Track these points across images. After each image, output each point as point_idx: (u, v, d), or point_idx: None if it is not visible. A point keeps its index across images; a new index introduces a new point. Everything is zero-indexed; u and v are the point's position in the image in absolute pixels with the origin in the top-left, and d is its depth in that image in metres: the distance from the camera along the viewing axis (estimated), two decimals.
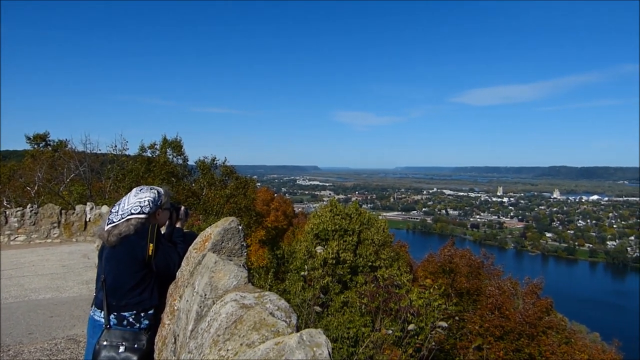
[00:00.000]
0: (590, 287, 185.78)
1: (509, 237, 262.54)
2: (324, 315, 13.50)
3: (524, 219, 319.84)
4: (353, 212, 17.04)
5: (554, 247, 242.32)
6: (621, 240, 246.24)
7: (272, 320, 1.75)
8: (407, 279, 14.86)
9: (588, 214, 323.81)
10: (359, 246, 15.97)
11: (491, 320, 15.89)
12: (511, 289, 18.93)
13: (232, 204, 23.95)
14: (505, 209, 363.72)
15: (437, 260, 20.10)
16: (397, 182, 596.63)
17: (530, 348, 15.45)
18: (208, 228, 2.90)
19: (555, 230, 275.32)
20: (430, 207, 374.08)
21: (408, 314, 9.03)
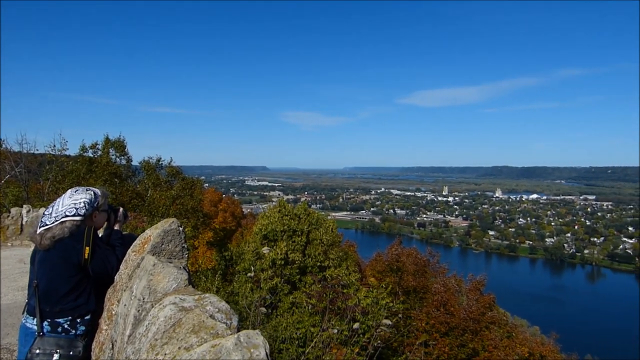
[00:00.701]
0: (530, 282, 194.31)
1: (454, 236, 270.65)
2: (273, 316, 13.45)
3: (468, 217, 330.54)
4: (302, 212, 17.06)
5: (496, 244, 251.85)
6: (559, 237, 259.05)
7: (212, 322, 1.73)
8: (355, 279, 15.04)
9: (528, 212, 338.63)
10: (308, 246, 16.01)
11: (437, 317, 16.31)
12: (456, 286, 19.50)
13: (178, 205, 23.43)
14: (450, 208, 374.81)
15: (384, 259, 20.42)
16: (346, 182, 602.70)
17: (474, 343, 15.96)
18: (148, 230, 2.83)
19: (498, 228, 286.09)
20: (378, 206, 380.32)
21: (356, 313, 9.13)
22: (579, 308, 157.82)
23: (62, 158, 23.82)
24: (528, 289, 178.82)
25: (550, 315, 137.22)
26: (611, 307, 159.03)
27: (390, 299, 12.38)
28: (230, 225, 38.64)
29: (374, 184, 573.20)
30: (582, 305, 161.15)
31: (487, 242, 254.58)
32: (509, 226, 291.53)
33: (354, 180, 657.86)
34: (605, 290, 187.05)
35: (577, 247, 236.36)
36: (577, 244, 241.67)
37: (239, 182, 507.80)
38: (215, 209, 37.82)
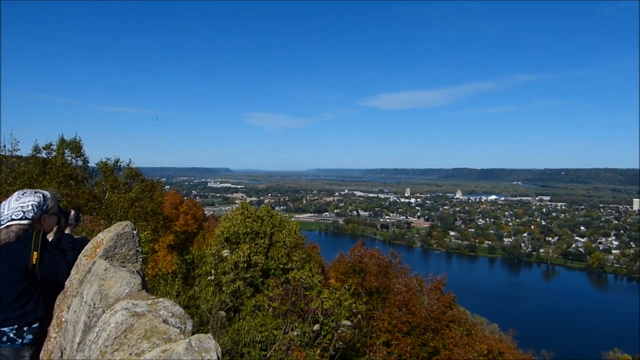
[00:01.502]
0: (489, 281, 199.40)
1: (416, 237, 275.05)
2: (236, 319, 13.30)
3: (429, 218, 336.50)
4: (265, 214, 16.97)
5: (457, 244, 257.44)
6: (516, 237, 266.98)
7: (165, 327, 1.68)
8: (318, 280, 15.05)
9: (487, 213, 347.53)
10: (271, 249, 15.92)
11: (399, 317, 16.50)
12: (417, 286, 19.80)
13: (137, 208, 22.88)
14: (412, 209, 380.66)
15: (347, 261, 20.53)
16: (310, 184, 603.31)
17: (435, 342, 16.22)
18: (100, 233, 2.74)
19: (458, 228, 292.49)
20: (342, 208, 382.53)
21: (319, 314, 9.14)
22: (536, 305, 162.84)
23: (13, 159, 22.86)
24: (487, 287, 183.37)
25: (509, 313, 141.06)
26: (565, 304, 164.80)
27: (353, 300, 12.45)
28: (191, 228, 38.04)
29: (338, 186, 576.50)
30: (538, 303, 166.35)
31: (448, 243, 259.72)
32: (469, 227, 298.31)
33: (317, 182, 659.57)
34: (559, 287, 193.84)
35: (533, 247, 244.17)
36: (533, 244, 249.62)
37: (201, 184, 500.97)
38: (176, 212, 37.16)
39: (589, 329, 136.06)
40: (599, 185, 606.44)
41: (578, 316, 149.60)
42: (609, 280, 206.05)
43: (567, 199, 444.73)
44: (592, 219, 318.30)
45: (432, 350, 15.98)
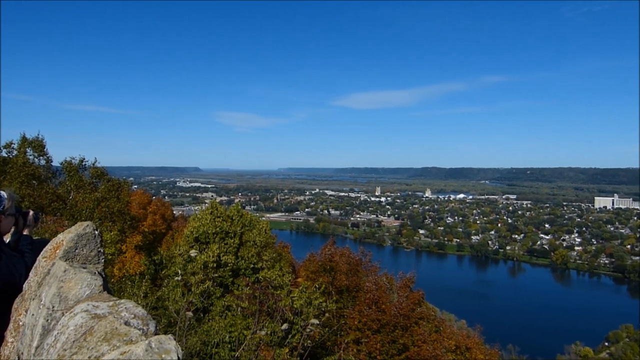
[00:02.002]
0: (458, 278, 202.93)
1: (387, 235, 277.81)
2: (206, 320, 13.18)
3: (399, 217, 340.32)
4: (235, 214, 16.84)
5: (426, 243, 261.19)
6: (483, 234, 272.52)
7: (126, 329, 1.65)
8: (289, 280, 15.03)
9: (456, 212, 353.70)
10: (241, 248, 15.82)
11: (369, 315, 16.61)
12: (387, 284, 19.98)
13: (103, 208, 22.37)
14: (383, 208, 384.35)
15: (318, 260, 20.54)
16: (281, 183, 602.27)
17: (404, 339, 16.40)
18: (60, 234, 2.66)
19: (428, 227, 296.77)
20: (312, 207, 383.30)
21: (289, 313, 9.12)
22: (502, 301, 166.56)
23: None
24: (456, 284, 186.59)
25: (477, 309, 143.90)
26: (530, 300, 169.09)
27: (323, 299, 12.48)
28: (160, 228, 37.46)
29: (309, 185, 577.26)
30: (505, 299, 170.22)
31: (418, 241, 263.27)
32: (438, 225, 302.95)
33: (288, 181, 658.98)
34: (525, 283, 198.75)
35: (500, 244, 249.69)
36: (500, 241, 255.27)
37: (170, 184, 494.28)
38: (144, 212, 36.52)
39: (552, 323, 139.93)
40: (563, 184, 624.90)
41: (542, 311, 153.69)
42: (572, 276, 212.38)
43: (532, 197, 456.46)
44: (556, 217, 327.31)
45: (402, 347, 16.15)
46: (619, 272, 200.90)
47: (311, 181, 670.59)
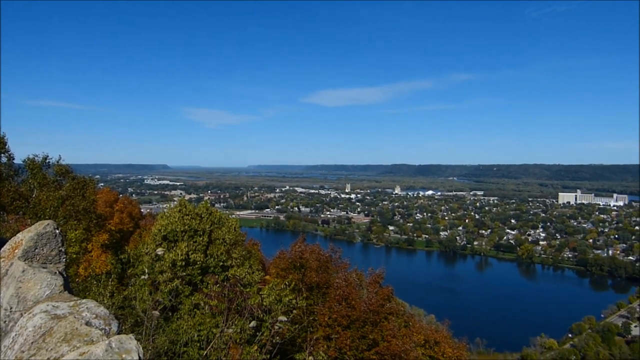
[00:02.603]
0: (427, 273, 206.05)
1: (357, 232, 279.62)
2: (174, 319, 13.04)
3: (369, 213, 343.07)
4: (204, 211, 16.68)
5: (396, 239, 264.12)
6: (452, 230, 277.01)
7: (87, 329, 1.62)
8: (258, 277, 14.99)
9: (424, 208, 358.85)
10: (210, 246, 15.69)
11: (339, 311, 16.70)
12: (357, 280, 20.13)
13: (68, 207, 21.80)
14: (353, 205, 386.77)
15: (288, 257, 20.52)
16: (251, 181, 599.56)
17: (374, 334, 16.56)
18: (19, 233, 2.59)
19: (397, 223, 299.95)
20: (283, 204, 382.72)
21: (258, 311, 9.10)
22: (470, 295, 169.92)
23: None
24: (425, 279, 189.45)
25: (445, 303, 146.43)
26: (497, 294, 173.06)
27: (293, 296, 12.49)
28: (127, 226, 36.82)
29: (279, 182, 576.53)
30: (473, 293, 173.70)
31: (387, 237, 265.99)
32: (407, 221, 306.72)
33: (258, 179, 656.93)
34: (492, 278, 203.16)
35: (467, 239, 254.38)
36: (467, 236, 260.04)
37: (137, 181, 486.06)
38: (110, 210, 35.83)
39: (518, 316, 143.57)
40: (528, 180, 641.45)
41: (509, 305, 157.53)
42: (537, 270, 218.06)
43: (498, 193, 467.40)
44: (521, 213, 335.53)
45: (371, 342, 16.30)
46: (582, 266, 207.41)
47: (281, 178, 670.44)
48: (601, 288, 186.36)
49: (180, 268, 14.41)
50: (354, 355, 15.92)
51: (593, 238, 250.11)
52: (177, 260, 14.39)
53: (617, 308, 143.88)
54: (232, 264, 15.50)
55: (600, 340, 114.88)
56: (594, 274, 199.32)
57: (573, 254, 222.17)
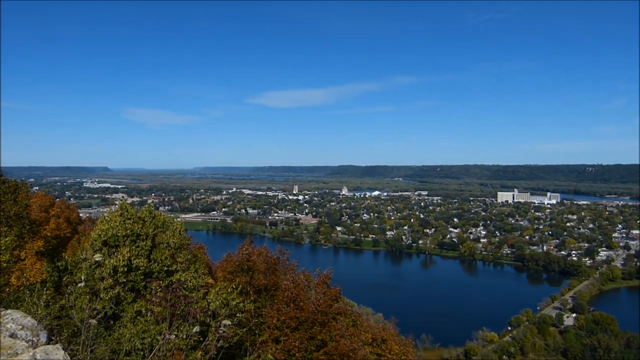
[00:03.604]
0: (374, 273, 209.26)
1: (305, 233, 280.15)
2: (116, 327, 12.56)
3: (317, 214, 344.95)
4: (147, 215, 16.18)
5: (343, 239, 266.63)
6: (397, 230, 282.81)
7: (11, 342, 1.51)
8: (205, 281, 14.69)
9: (371, 208, 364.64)
10: (154, 251, 15.24)
11: (287, 313, 16.64)
12: (305, 281, 20.11)
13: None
14: (300, 206, 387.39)
15: (235, 260, 20.24)
16: (196, 183, 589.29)
17: (322, 334, 16.60)
18: None
19: (345, 224, 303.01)
20: (230, 207, 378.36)
21: (203, 316, 8.90)
22: (416, 293, 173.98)
23: None
24: (372, 279, 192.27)
25: (392, 302, 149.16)
26: (441, 290, 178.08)
27: (240, 299, 12.33)
28: (64, 232, 35.09)
29: (226, 184, 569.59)
30: (418, 291, 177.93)
31: (335, 238, 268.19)
32: (354, 221, 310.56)
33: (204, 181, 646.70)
34: (436, 275, 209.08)
35: (413, 238, 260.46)
36: (413, 236, 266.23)
37: (76, 185, 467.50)
38: (46, 215, 34.06)
39: (462, 312, 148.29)
40: (469, 180, 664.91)
41: (453, 301, 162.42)
42: (478, 266, 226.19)
43: (442, 193, 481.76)
44: (463, 211, 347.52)
45: (320, 343, 16.33)
46: (519, 262, 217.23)
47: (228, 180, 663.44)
48: (537, 282, 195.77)
49: (122, 274, 13.92)
50: (302, 357, 15.92)
51: (529, 235, 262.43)
52: (118, 266, 13.88)
53: (552, 300, 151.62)
54: (177, 268, 15.13)
55: (537, 332, 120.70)
56: (530, 268, 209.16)
57: (511, 251, 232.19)
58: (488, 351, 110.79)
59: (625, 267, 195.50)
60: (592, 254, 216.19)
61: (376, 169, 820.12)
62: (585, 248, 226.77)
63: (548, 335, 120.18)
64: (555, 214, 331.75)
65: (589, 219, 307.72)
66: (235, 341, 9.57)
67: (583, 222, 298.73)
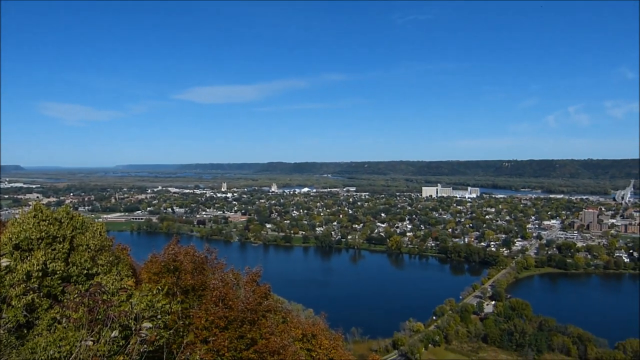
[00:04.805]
0: (304, 269, 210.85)
1: (234, 231, 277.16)
2: (31, 336, 11.80)
3: (246, 212, 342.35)
4: (64, 216, 15.29)
5: (273, 236, 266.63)
6: (327, 225, 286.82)
7: None
8: (128, 283, 14.13)
9: (301, 205, 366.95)
10: (72, 254, 14.45)
11: (216, 312, 16.37)
12: (234, 280, 19.91)
13: None
14: (229, 204, 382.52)
15: (161, 260, 19.64)
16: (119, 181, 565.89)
17: (252, 333, 16.49)
18: None
19: (274, 221, 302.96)
20: (155, 206, 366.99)
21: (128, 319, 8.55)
22: (345, 287, 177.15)
23: None
24: (303, 275, 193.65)
25: (322, 297, 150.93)
26: (370, 284, 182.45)
27: (167, 301, 11.96)
28: None
29: (150, 182, 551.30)
30: (348, 285, 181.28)
31: (265, 235, 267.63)
32: (284, 218, 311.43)
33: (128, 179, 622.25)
34: (365, 269, 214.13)
35: (342, 234, 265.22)
36: (342, 231, 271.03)
37: None
38: None
39: (390, 304, 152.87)
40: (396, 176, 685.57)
41: (381, 294, 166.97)
42: (405, 259, 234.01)
43: (369, 189, 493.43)
44: (390, 206, 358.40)
45: (250, 341, 16.22)
46: (443, 253, 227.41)
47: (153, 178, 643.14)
48: (459, 272, 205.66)
49: (37, 279, 13.09)
50: (232, 356, 15.75)
51: (452, 228, 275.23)
52: (32, 270, 13.03)
53: (473, 289, 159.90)
54: (97, 271, 14.45)
55: (459, 320, 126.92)
56: (453, 260, 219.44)
57: (435, 243, 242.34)
58: (415, 341, 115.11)
59: (538, 255, 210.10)
60: (508, 244, 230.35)
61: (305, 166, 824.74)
62: (502, 239, 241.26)
63: (470, 322, 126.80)
64: (476, 207, 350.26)
65: (506, 212, 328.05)
66: (161, 344, 9.30)
67: (500, 215, 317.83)
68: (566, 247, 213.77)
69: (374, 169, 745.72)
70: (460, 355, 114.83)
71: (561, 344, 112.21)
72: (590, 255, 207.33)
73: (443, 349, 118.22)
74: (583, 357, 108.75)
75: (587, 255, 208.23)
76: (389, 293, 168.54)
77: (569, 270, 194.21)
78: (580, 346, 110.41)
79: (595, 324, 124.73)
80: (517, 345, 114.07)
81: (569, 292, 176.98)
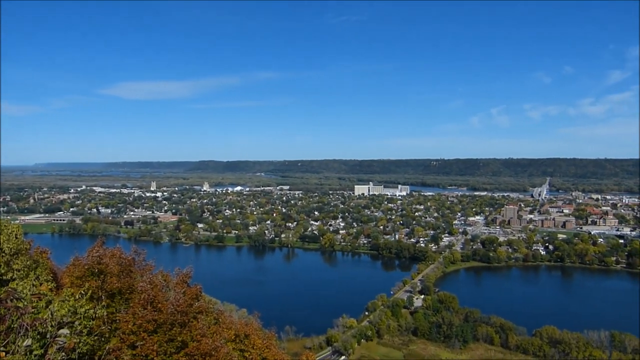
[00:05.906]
0: (237, 268, 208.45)
1: (164, 231, 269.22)
2: None
3: (177, 212, 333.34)
4: None
5: (205, 236, 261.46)
6: (260, 224, 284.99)
7: None
8: (48, 288, 13.39)
9: (233, 204, 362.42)
10: None
11: (144, 316, 15.83)
12: (163, 281, 19.32)
13: None
14: (159, 203, 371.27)
15: (84, 263, 18.74)
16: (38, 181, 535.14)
17: (182, 335, 16.09)
18: None
19: (206, 220, 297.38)
20: (79, 206, 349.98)
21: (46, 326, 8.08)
22: (279, 286, 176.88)
23: None
24: (236, 275, 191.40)
25: (256, 296, 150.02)
26: (303, 282, 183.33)
27: (91, 305, 11.43)
28: None
29: (74, 182, 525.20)
30: (281, 283, 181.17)
31: (197, 235, 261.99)
32: (216, 218, 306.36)
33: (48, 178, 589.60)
34: (298, 267, 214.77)
35: (275, 233, 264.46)
36: (275, 230, 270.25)
37: None
38: None
39: (323, 301, 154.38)
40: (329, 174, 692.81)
41: (314, 291, 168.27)
42: (338, 257, 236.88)
43: (303, 187, 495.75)
44: (323, 205, 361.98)
45: (180, 344, 15.82)
46: (375, 250, 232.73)
47: (76, 177, 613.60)
48: (390, 268, 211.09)
49: None
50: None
51: (383, 225, 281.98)
52: None
53: (403, 284, 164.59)
54: (13, 276, 13.60)
55: (391, 314, 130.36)
56: (384, 256, 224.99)
57: (367, 240, 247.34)
58: (348, 336, 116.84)
59: (463, 250, 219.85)
60: (436, 240, 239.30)
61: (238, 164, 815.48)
62: (431, 235, 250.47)
63: (400, 316, 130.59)
64: (406, 204, 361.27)
65: (434, 209, 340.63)
66: (84, 350, 8.88)
67: (429, 212, 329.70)
68: (489, 241, 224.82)
69: (307, 168, 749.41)
70: (392, 348, 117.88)
71: (485, 333, 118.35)
72: (511, 249, 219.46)
73: (375, 343, 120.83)
74: (505, 345, 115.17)
75: (508, 249, 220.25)
76: (322, 291, 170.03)
77: (492, 264, 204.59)
78: (502, 335, 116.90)
79: (516, 314, 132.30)
80: (445, 337, 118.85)
81: (492, 284, 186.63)
